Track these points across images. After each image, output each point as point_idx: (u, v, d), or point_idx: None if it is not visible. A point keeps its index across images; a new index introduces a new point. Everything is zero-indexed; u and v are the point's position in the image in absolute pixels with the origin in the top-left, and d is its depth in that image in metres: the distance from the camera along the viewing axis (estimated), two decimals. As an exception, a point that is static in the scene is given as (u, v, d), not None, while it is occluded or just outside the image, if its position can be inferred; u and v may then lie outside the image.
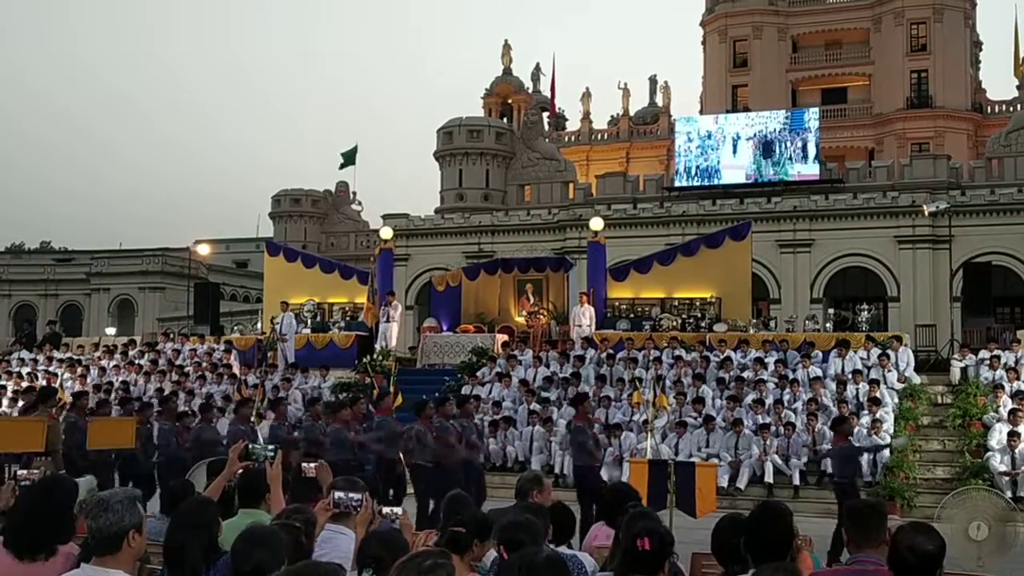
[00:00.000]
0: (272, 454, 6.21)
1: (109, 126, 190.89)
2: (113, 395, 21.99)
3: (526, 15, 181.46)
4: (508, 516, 5.49)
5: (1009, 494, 16.38)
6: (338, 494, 5.19)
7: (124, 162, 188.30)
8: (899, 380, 21.00)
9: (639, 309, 26.57)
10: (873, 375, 20.70)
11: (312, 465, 6.26)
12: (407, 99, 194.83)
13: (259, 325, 33.01)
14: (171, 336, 29.08)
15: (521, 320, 28.22)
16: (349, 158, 58.81)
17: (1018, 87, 59.37)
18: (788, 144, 47.99)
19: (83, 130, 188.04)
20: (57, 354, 28.43)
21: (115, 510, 4.27)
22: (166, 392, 22.69)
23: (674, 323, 25.19)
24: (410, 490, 14.98)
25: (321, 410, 16.54)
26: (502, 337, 25.90)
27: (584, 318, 25.14)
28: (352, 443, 14.76)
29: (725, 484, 18.18)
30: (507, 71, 65.70)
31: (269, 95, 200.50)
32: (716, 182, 48.70)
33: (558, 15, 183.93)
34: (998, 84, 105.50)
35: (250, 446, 6.46)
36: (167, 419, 16.70)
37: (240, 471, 6.43)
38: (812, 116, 48.78)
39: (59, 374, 26.13)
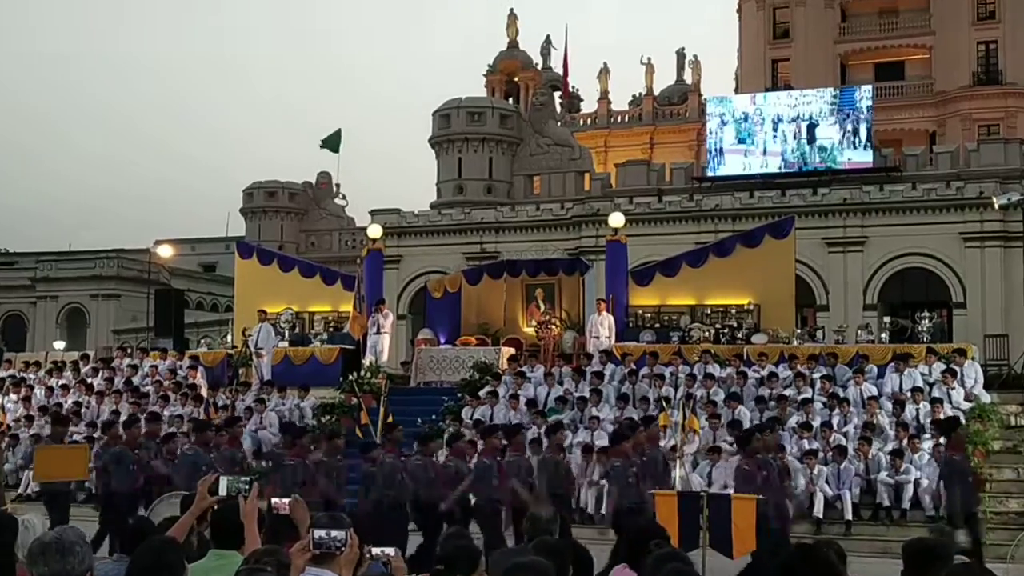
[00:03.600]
0: (247, 487, 6.18)
1: (60, 112, 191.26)
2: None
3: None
4: (512, 557, 5.52)
5: (1093, 530, 16.35)
6: (319, 533, 5.17)
7: (76, 151, 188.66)
8: (966, 399, 20.95)
9: (665, 318, 26.57)
10: (936, 393, 20.67)
11: (285, 501, 6.20)
12: (398, 77, 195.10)
13: (229, 338, 33.09)
14: (128, 351, 29.15)
15: (530, 331, 28.26)
16: (332, 144, 55.89)
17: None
18: (837, 127, 48.03)
19: (32, 117, 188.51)
20: (-2, 372, 28.52)
21: (75, 552, 4.29)
22: (123, 415, 22.74)
23: (706, 334, 25.18)
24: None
25: (307, 441, 16.52)
26: (508, 351, 25.92)
27: (602, 328, 25.14)
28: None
29: (765, 519, 18.17)
30: (513, 44, 65.74)
31: (241, 71, 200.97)
32: (753, 171, 48.73)
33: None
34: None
35: (221, 479, 6.41)
36: (125, 444, 16.72)
37: (213, 507, 6.40)
38: (864, 95, 48.82)
39: (-1, 395, 26.20)
